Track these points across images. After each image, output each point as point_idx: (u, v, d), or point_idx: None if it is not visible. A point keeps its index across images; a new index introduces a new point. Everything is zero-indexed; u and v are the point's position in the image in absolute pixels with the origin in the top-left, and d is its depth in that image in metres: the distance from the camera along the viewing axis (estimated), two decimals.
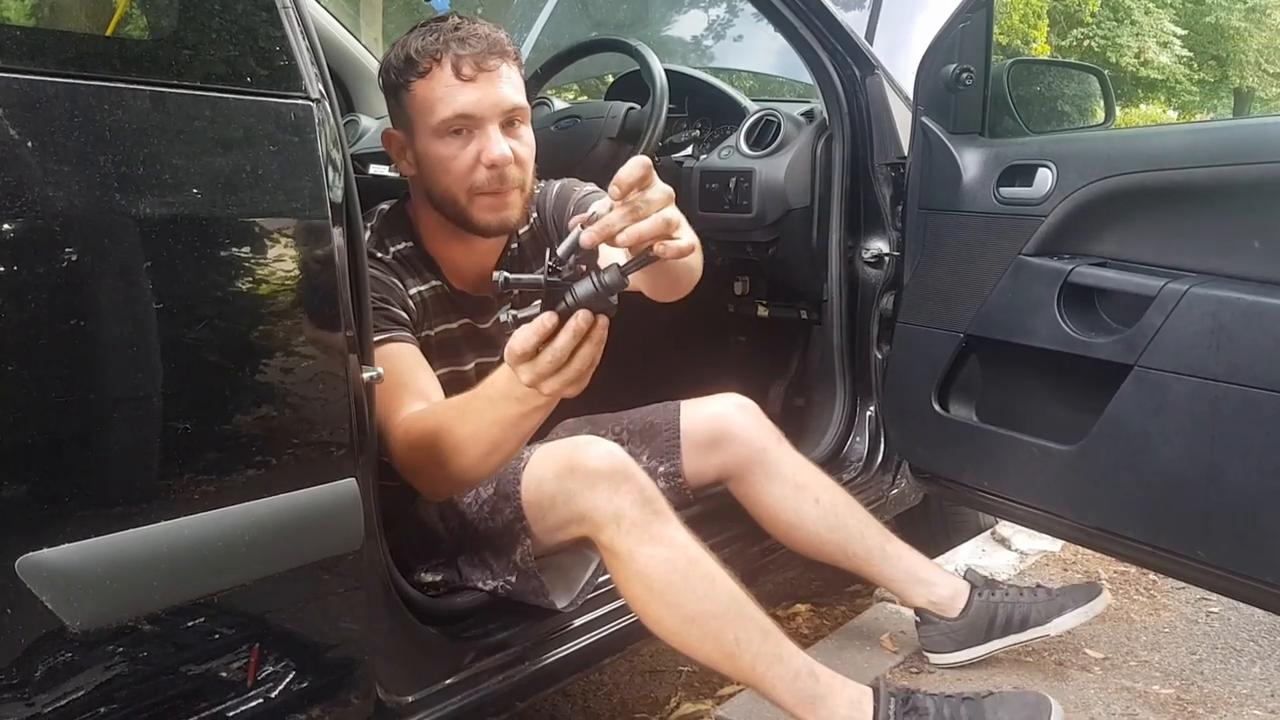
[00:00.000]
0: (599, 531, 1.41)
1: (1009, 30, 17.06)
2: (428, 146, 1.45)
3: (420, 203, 1.54)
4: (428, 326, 1.54)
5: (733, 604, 1.43)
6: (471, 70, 1.40)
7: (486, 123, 1.43)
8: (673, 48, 3.89)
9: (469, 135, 1.43)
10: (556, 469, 1.44)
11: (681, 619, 1.42)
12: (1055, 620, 1.81)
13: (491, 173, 1.43)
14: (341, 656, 1.21)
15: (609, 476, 1.41)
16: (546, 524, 1.46)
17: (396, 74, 1.45)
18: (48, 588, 0.91)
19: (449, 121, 1.42)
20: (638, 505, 1.40)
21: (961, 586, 1.85)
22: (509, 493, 1.47)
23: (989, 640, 1.83)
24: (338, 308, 1.12)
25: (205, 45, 1.05)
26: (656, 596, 1.41)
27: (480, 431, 1.26)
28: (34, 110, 0.90)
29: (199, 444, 1.02)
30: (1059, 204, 1.67)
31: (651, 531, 1.40)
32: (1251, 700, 1.80)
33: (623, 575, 1.43)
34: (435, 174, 1.46)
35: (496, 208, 1.47)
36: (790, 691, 1.44)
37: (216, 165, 1.03)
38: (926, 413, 1.89)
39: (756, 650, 1.43)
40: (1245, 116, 16.96)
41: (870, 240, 2.14)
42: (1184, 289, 1.48)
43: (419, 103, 1.43)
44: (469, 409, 1.28)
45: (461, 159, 1.43)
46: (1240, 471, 1.44)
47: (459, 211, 1.48)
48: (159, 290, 0.97)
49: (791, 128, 2.18)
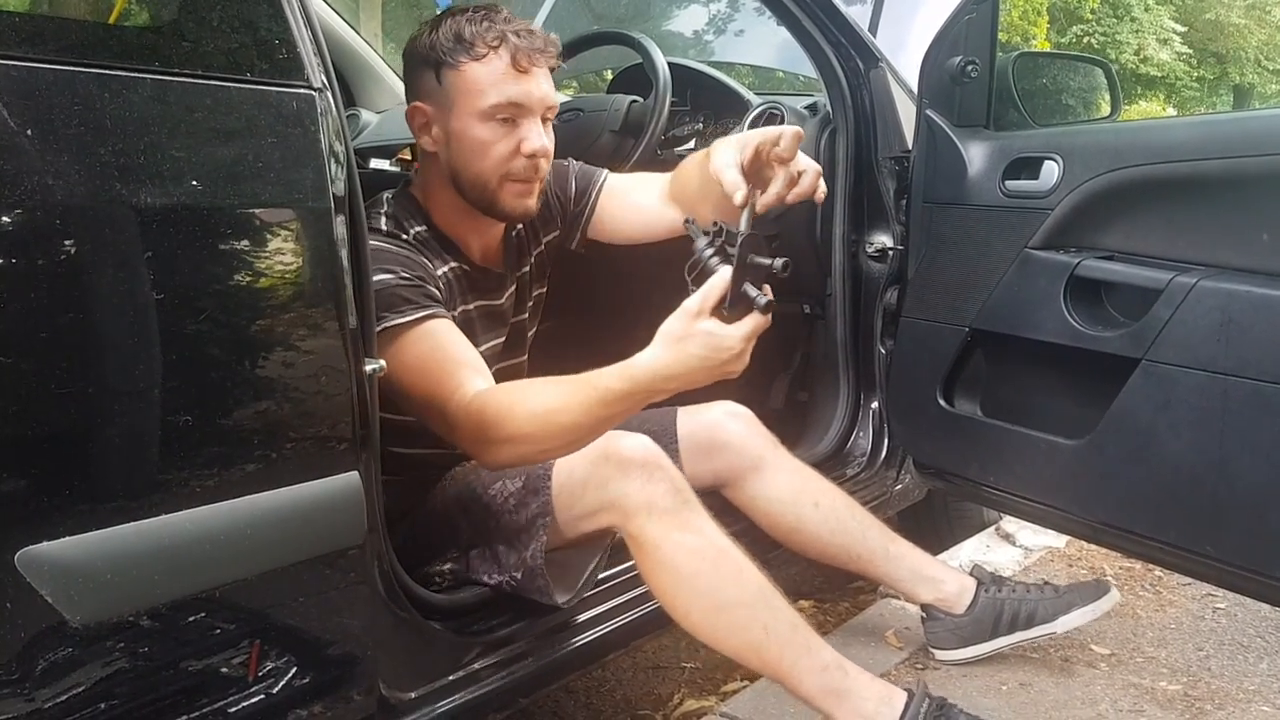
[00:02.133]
0: (629, 520, 1.41)
1: (1009, 27, 17.06)
2: (467, 127, 1.47)
3: (434, 182, 1.55)
4: (451, 307, 1.54)
5: (761, 594, 1.42)
6: (527, 63, 1.45)
7: (532, 114, 1.47)
8: (674, 42, 3.88)
9: (513, 124, 1.47)
10: (591, 456, 1.43)
11: (709, 608, 1.41)
12: (1062, 618, 1.80)
13: (529, 162, 1.48)
14: (344, 652, 1.20)
15: (643, 465, 1.41)
16: (573, 512, 1.45)
17: (444, 52, 1.46)
18: (48, 582, 0.90)
19: (499, 107, 1.45)
20: (669, 494, 1.41)
21: (968, 583, 1.84)
22: (539, 487, 1.47)
23: (995, 637, 1.81)
24: (341, 300, 1.11)
25: (207, 33, 1.03)
26: (685, 585, 1.41)
27: (589, 420, 1.30)
28: (34, 99, 0.89)
29: (200, 437, 1.01)
30: (1065, 197, 1.66)
31: (681, 519, 1.40)
32: (1259, 696, 1.79)
33: (649, 564, 1.42)
34: (468, 155, 1.48)
35: (523, 195, 1.51)
36: (818, 684, 1.42)
37: (218, 155, 1.02)
38: (931, 407, 1.88)
39: (785, 641, 1.42)
40: (1252, 109, 16.95)
41: (874, 234, 2.12)
42: (1192, 282, 1.47)
43: (468, 83, 1.45)
44: (578, 394, 1.29)
45: (503, 145, 1.47)
46: (1249, 466, 1.43)
47: (487, 195, 1.50)
48: (159, 282, 0.96)
49: (795, 121, 2.17)
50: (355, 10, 9.65)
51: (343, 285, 1.11)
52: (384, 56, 3.27)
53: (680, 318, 1.23)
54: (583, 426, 1.32)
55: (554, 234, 1.76)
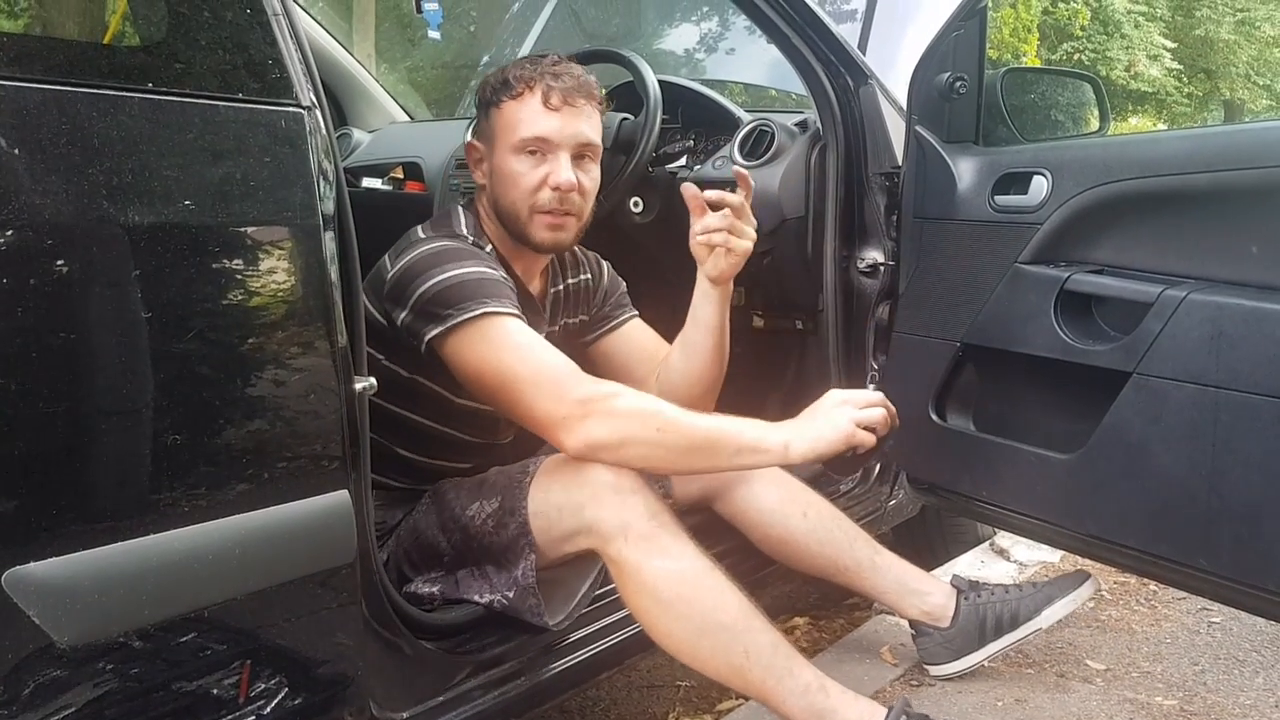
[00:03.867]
0: (606, 544, 1.41)
1: (1000, 44, 17.13)
2: (503, 160, 1.57)
3: (486, 214, 1.65)
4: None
5: (742, 616, 1.42)
6: (559, 102, 1.55)
7: (560, 150, 1.56)
8: (666, 60, 3.89)
9: (542, 158, 1.56)
10: (564, 481, 1.45)
11: (691, 631, 1.41)
12: (1045, 611, 1.80)
13: (554, 195, 1.56)
14: (335, 672, 1.19)
15: (616, 489, 1.41)
16: (552, 536, 1.46)
17: (492, 92, 1.59)
18: (35, 602, 0.89)
19: (527, 141, 1.55)
20: (645, 517, 1.40)
21: (951, 591, 1.84)
22: (514, 507, 1.48)
23: (984, 645, 1.81)
24: (331, 318, 1.11)
25: (196, 52, 1.04)
26: (665, 609, 1.40)
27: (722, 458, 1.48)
28: (25, 118, 0.89)
29: (189, 456, 1.01)
30: (1055, 211, 1.67)
31: (660, 543, 1.40)
32: (1255, 711, 1.79)
33: (630, 588, 1.42)
34: (504, 186, 1.58)
35: (553, 227, 1.59)
36: (800, 705, 1.42)
37: (207, 174, 1.02)
38: (924, 422, 1.88)
39: (767, 663, 1.42)
40: (1240, 122, 17.05)
41: (865, 250, 2.13)
42: (1182, 295, 1.47)
43: (505, 120, 1.57)
44: (730, 435, 1.45)
45: (531, 177, 1.56)
46: (1241, 478, 1.42)
47: (519, 225, 1.59)
48: (149, 301, 0.96)
49: (785, 138, 2.17)
50: (349, 31, 9.69)
51: (332, 304, 1.11)
52: (377, 77, 3.29)
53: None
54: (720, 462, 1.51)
55: (583, 318, 1.83)
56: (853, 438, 1.44)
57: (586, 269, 1.83)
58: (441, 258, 1.49)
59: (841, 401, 1.48)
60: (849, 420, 1.45)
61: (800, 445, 1.44)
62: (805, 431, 1.45)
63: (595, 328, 1.84)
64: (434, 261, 1.48)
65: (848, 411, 1.46)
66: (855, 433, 1.44)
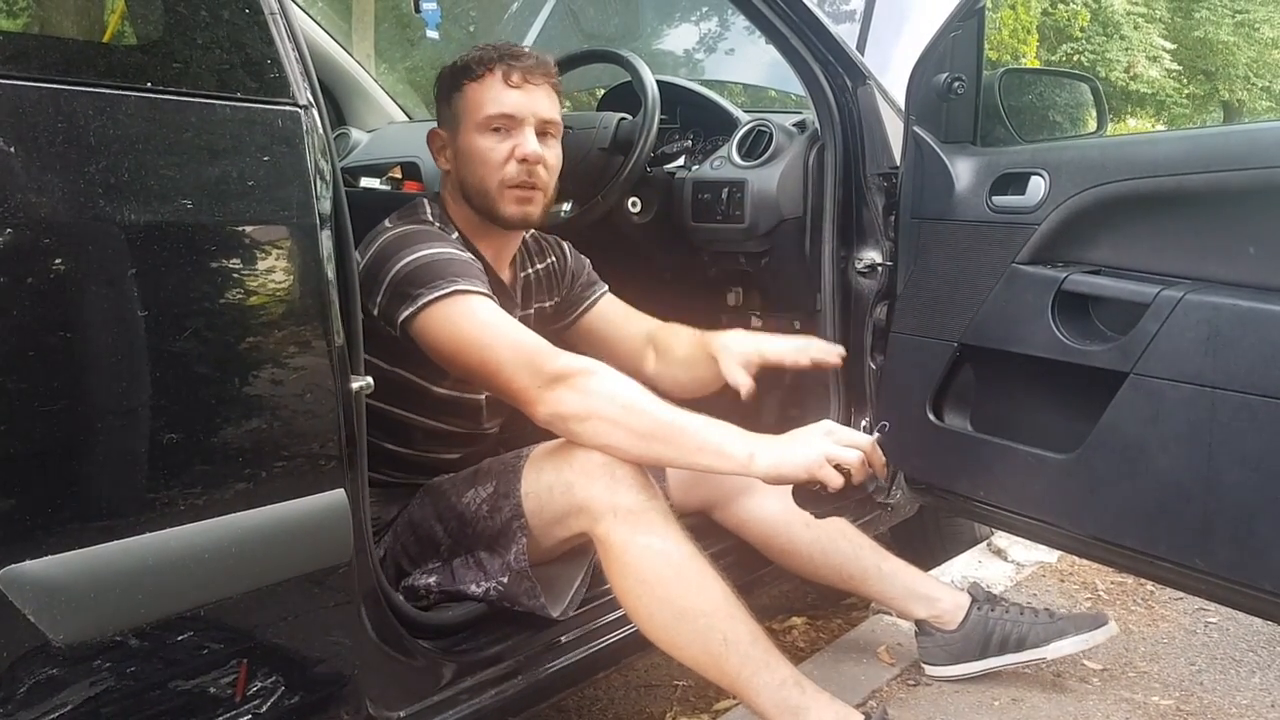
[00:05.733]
0: (596, 523, 1.42)
1: (999, 45, 17.13)
2: (469, 140, 1.60)
3: (452, 199, 1.67)
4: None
5: (724, 603, 1.42)
6: (518, 79, 1.59)
7: (524, 125, 1.59)
8: (665, 61, 3.89)
9: (506, 134, 1.59)
10: (556, 461, 1.46)
11: (671, 614, 1.41)
12: (1054, 644, 1.80)
13: (522, 167, 1.59)
14: (331, 671, 1.19)
15: (607, 468, 1.42)
16: (544, 518, 1.46)
17: (453, 78, 1.63)
18: (31, 601, 0.89)
19: (492, 118, 1.59)
20: (635, 494, 1.42)
21: (962, 600, 1.84)
22: (509, 490, 1.49)
23: (984, 658, 1.82)
24: (327, 317, 1.11)
25: (194, 52, 1.04)
26: (648, 590, 1.41)
27: (689, 454, 1.42)
28: (23, 117, 0.89)
29: (185, 455, 1.01)
30: (1052, 212, 1.67)
31: (647, 521, 1.41)
32: (1252, 711, 1.79)
33: (615, 568, 1.42)
34: (472, 165, 1.61)
35: (521, 201, 1.61)
36: (774, 699, 1.42)
37: (204, 173, 1.02)
38: (921, 422, 1.88)
39: (744, 654, 1.42)
40: (1237, 123, 17.04)
41: (863, 250, 2.13)
42: (1179, 295, 1.47)
43: (468, 101, 1.60)
44: (694, 431, 1.41)
45: (498, 151, 1.59)
46: (1238, 478, 1.42)
47: (488, 202, 1.61)
48: (145, 300, 0.96)
49: (783, 138, 2.18)
50: (348, 31, 9.68)
51: (329, 302, 1.11)
52: (376, 77, 3.29)
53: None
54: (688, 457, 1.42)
55: (555, 301, 1.84)
56: (818, 469, 1.37)
57: (552, 253, 1.87)
58: (408, 239, 1.51)
59: (825, 432, 1.42)
60: (821, 452, 1.38)
61: (764, 460, 1.38)
62: (774, 448, 1.39)
63: (570, 310, 1.87)
64: (401, 244, 1.50)
65: (824, 443, 1.39)
66: (823, 466, 1.37)
